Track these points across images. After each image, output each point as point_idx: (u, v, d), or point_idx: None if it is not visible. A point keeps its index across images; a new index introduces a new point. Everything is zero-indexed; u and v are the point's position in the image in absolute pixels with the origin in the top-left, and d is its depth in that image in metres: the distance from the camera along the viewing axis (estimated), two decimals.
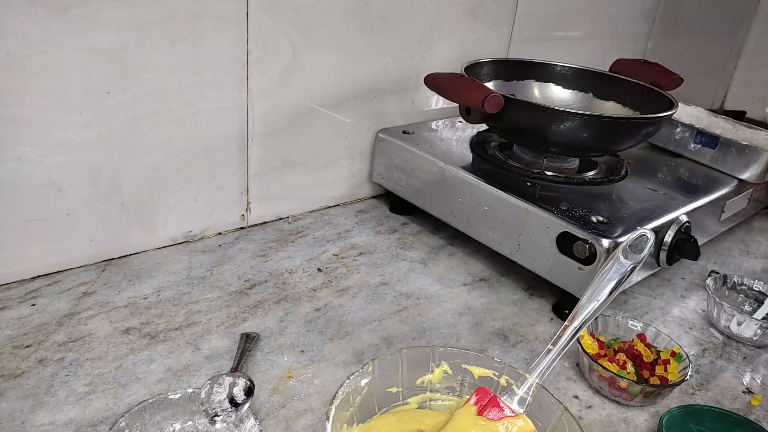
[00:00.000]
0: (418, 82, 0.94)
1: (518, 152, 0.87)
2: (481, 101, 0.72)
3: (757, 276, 0.86)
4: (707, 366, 0.69)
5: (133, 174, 0.70)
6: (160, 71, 0.68)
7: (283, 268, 0.77)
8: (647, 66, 0.97)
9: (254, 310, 0.68)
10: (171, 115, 0.70)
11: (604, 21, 1.27)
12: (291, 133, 0.83)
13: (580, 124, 0.75)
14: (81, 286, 0.68)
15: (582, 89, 0.97)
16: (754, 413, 0.62)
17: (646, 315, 0.77)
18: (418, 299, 0.74)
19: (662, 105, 0.85)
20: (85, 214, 0.69)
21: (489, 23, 1.02)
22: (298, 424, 0.54)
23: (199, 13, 0.68)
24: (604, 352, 0.63)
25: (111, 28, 0.62)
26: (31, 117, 0.61)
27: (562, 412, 0.48)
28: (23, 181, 0.63)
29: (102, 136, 0.66)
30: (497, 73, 0.94)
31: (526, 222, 0.73)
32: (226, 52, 0.72)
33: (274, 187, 0.85)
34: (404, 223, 0.92)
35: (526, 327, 0.71)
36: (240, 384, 0.52)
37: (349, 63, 0.85)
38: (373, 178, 0.95)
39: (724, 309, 0.74)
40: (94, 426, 0.51)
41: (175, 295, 0.69)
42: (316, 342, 0.64)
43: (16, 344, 0.59)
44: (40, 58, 0.59)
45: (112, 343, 0.60)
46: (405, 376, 0.52)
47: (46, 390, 0.54)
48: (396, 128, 0.93)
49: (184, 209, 0.77)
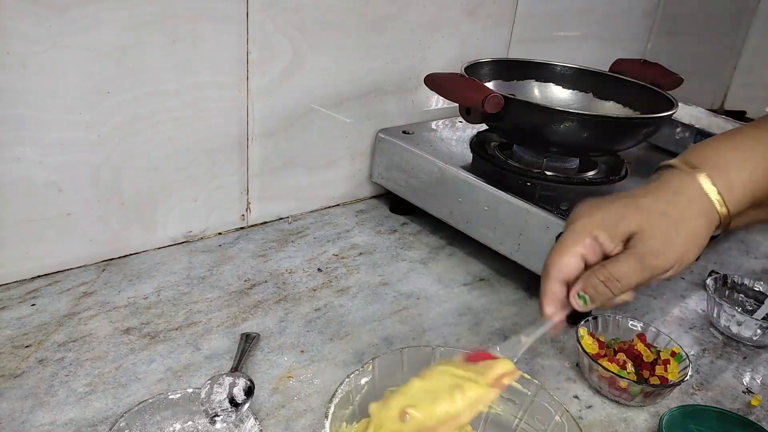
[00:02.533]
0: (418, 82, 0.94)
1: (518, 152, 0.87)
2: (481, 101, 0.72)
3: (757, 276, 0.86)
4: (707, 366, 0.69)
5: (133, 174, 0.70)
6: (160, 71, 0.68)
7: (283, 268, 0.77)
8: (647, 66, 0.97)
9: (254, 310, 0.68)
10: (171, 115, 0.70)
11: (604, 21, 1.27)
12: (291, 133, 0.83)
13: (580, 124, 0.75)
14: (81, 286, 0.68)
15: (582, 89, 0.97)
16: (754, 413, 0.62)
17: (646, 315, 0.77)
18: (418, 299, 0.74)
19: (662, 105, 0.85)
20: (85, 214, 0.69)
21: (489, 23, 1.02)
22: (298, 424, 0.54)
23: (198, 13, 0.68)
24: (604, 352, 0.63)
25: (111, 28, 0.62)
26: (31, 117, 0.61)
27: (562, 414, 0.48)
28: (23, 181, 0.63)
29: (102, 136, 0.66)
30: (497, 73, 0.94)
31: (526, 222, 0.73)
32: (226, 52, 0.72)
33: (274, 187, 0.85)
34: (404, 223, 0.92)
35: (526, 327, 0.71)
36: (240, 384, 0.52)
37: (350, 63, 0.85)
38: (373, 178, 0.95)
39: (724, 309, 0.74)
40: (94, 426, 0.51)
41: (175, 295, 0.69)
42: (316, 342, 0.64)
43: (16, 344, 0.59)
44: (40, 58, 0.59)
45: (112, 343, 0.60)
46: (406, 376, 0.52)
47: (46, 390, 0.54)
48: (396, 128, 0.93)
49: (184, 209, 0.77)
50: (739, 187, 0.47)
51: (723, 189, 0.46)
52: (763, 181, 0.48)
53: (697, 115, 1.05)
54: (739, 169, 0.47)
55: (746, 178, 0.47)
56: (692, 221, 0.46)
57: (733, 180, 0.47)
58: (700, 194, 0.47)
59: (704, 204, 0.47)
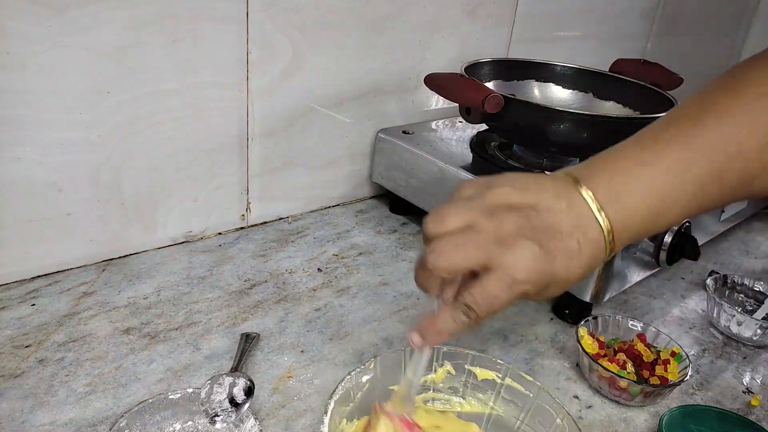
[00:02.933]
0: (418, 82, 0.94)
1: (518, 152, 0.87)
2: (481, 101, 0.72)
3: (757, 276, 0.86)
4: (707, 366, 0.69)
5: (133, 174, 0.70)
6: (160, 71, 0.67)
7: (283, 268, 0.77)
8: (647, 66, 0.97)
9: (254, 310, 0.68)
10: (171, 115, 0.70)
11: (604, 21, 1.27)
12: (291, 133, 0.83)
13: (580, 124, 0.75)
14: (81, 286, 0.68)
15: (582, 89, 0.97)
16: (754, 413, 0.62)
17: (646, 315, 0.77)
18: (418, 299, 0.74)
19: (662, 105, 0.85)
20: (85, 214, 0.69)
21: (489, 23, 1.02)
22: (298, 424, 0.54)
23: (199, 13, 0.68)
24: (604, 352, 0.63)
25: (111, 28, 0.62)
26: (31, 117, 0.61)
27: (564, 416, 0.48)
28: (23, 181, 0.63)
29: (102, 136, 0.66)
30: (497, 73, 0.94)
31: None
32: (226, 52, 0.72)
33: (274, 187, 0.85)
34: (404, 223, 0.92)
35: (526, 327, 0.71)
36: (240, 384, 0.52)
37: (350, 63, 0.85)
38: (373, 178, 0.95)
39: (724, 309, 0.74)
40: (94, 426, 0.51)
41: (175, 295, 0.69)
42: (316, 342, 0.64)
43: (16, 344, 0.59)
44: (40, 58, 0.59)
45: (112, 343, 0.60)
46: None
47: (46, 390, 0.54)
48: (396, 128, 0.93)
49: (184, 209, 0.77)
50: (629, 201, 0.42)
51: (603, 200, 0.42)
52: (658, 204, 0.43)
53: None
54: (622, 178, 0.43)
55: (639, 197, 0.42)
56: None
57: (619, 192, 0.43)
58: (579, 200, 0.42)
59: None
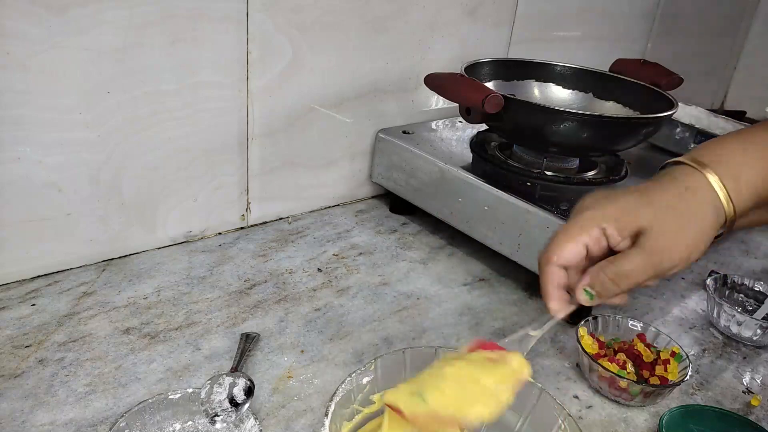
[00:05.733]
0: (418, 82, 0.94)
1: (518, 152, 0.87)
2: (481, 101, 0.72)
3: (757, 276, 0.86)
4: (707, 366, 0.69)
5: (133, 174, 0.70)
6: (160, 71, 0.68)
7: (283, 268, 0.77)
8: (647, 66, 0.97)
9: (254, 310, 0.68)
10: (171, 115, 0.70)
11: (604, 21, 1.27)
12: (291, 133, 0.83)
13: (580, 124, 0.75)
14: (81, 286, 0.68)
15: (582, 89, 0.97)
16: (754, 413, 0.62)
17: (646, 315, 0.76)
18: (418, 299, 0.74)
19: (662, 105, 0.85)
20: (85, 214, 0.69)
21: (489, 23, 1.02)
22: (298, 424, 0.54)
23: (199, 13, 0.68)
24: (604, 352, 0.63)
25: (111, 28, 0.62)
26: (31, 117, 0.61)
27: (565, 418, 0.48)
28: (23, 181, 0.63)
29: (102, 136, 0.66)
30: (497, 73, 0.94)
31: (526, 222, 0.73)
32: (226, 52, 0.72)
33: (274, 187, 0.85)
34: (404, 223, 0.92)
35: (526, 327, 0.71)
36: (240, 384, 0.52)
37: (349, 63, 0.85)
38: (373, 178, 0.95)
39: (724, 309, 0.74)
40: (94, 426, 0.51)
41: (175, 295, 0.69)
42: (316, 342, 0.64)
43: (16, 344, 0.59)
44: (40, 58, 0.59)
45: (112, 343, 0.60)
46: (408, 376, 0.52)
47: (46, 390, 0.54)
48: (396, 128, 0.93)
49: (184, 209, 0.77)
50: (746, 188, 0.47)
51: (731, 188, 0.47)
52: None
53: (697, 115, 1.05)
54: (747, 169, 0.48)
55: (753, 179, 0.48)
56: (701, 219, 0.46)
57: (741, 180, 0.47)
58: (710, 192, 0.47)
59: (713, 202, 0.47)
